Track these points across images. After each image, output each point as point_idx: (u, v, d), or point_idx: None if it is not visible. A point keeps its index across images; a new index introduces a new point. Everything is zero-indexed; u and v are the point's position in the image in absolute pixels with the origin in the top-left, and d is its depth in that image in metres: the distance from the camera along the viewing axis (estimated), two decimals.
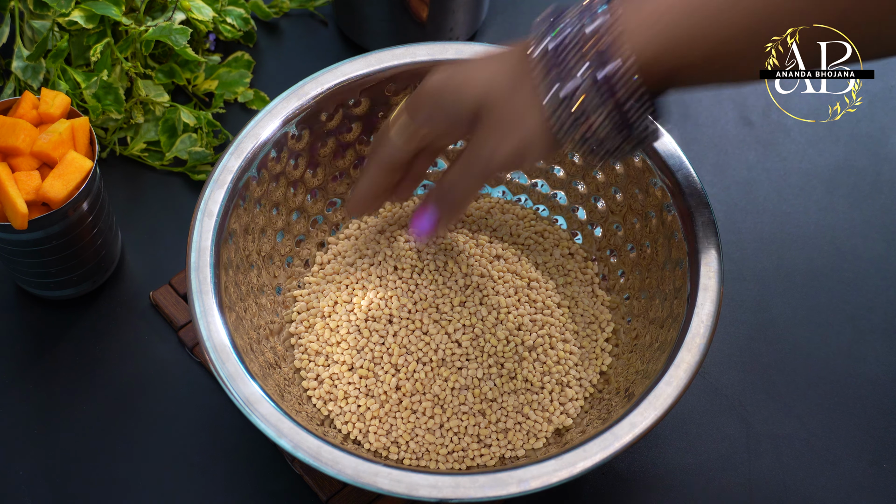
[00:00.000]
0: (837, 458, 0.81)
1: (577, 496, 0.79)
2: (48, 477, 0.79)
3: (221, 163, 0.77)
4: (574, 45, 0.62)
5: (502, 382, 0.77)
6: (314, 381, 0.78)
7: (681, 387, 0.68)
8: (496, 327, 0.78)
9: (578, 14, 0.62)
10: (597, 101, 0.62)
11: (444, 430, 0.76)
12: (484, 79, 0.66)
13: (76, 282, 0.84)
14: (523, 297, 0.80)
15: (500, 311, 0.78)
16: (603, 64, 0.61)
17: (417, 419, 0.76)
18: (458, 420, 0.76)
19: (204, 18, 0.95)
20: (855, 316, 0.87)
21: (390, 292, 0.79)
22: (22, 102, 0.79)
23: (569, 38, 0.62)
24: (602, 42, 0.61)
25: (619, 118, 0.62)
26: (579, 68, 0.62)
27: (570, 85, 0.62)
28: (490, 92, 0.66)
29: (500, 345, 0.77)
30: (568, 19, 0.63)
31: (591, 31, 0.61)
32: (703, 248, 0.74)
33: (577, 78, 0.62)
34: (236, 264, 0.76)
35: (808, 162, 0.96)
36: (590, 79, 0.62)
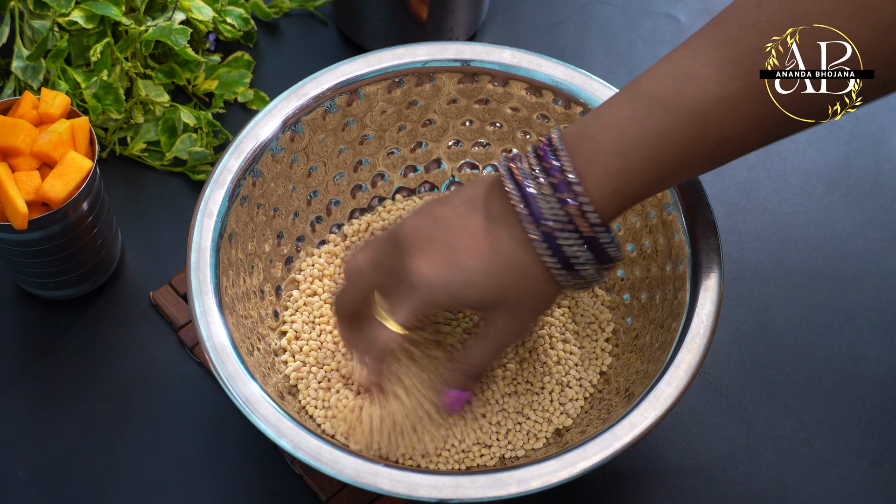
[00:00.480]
0: (837, 458, 0.81)
1: (577, 496, 0.79)
2: (48, 477, 0.79)
3: (221, 163, 0.77)
4: (567, 223, 0.64)
5: (504, 384, 0.77)
6: (308, 389, 0.78)
7: (681, 387, 0.68)
8: None
9: (550, 186, 0.64)
10: (590, 258, 0.66)
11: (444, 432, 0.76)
12: (491, 279, 0.66)
13: (76, 282, 0.84)
14: None
15: None
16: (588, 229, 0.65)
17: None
18: (459, 421, 0.76)
19: (204, 18, 0.95)
20: (855, 316, 0.87)
21: None
22: (22, 102, 0.79)
23: (557, 216, 0.64)
24: (583, 213, 0.64)
25: (601, 258, 0.66)
26: (574, 237, 0.65)
27: (571, 257, 0.65)
28: (504, 289, 0.67)
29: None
30: (544, 194, 0.65)
31: (572, 210, 0.64)
32: (703, 248, 0.74)
33: (576, 248, 0.65)
34: (236, 265, 0.76)
35: (809, 162, 0.96)
36: (584, 248, 0.65)
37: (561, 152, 0.64)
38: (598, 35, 1.04)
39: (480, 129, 0.87)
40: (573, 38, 1.04)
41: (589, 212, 0.64)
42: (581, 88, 0.81)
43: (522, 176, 0.65)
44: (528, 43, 1.03)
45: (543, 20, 1.05)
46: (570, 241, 0.64)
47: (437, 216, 0.68)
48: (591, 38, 1.04)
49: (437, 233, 0.67)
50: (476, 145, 0.87)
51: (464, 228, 0.67)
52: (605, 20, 1.05)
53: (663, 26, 1.04)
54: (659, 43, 1.03)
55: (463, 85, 0.84)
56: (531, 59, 0.82)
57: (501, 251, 0.66)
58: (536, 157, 0.65)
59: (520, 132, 0.86)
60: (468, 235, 0.66)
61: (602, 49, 1.03)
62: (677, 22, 1.05)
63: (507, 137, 0.86)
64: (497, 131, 0.86)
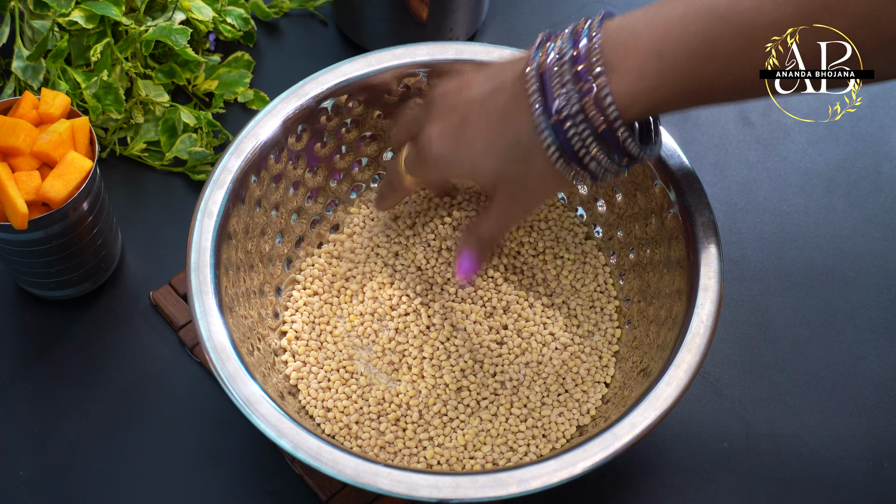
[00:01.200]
0: (838, 458, 0.81)
1: (577, 496, 0.79)
2: (48, 477, 0.79)
3: (221, 163, 0.77)
4: (577, 114, 0.64)
5: (507, 409, 0.77)
6: (308, 389, 0.78)
7: (681, 387, 0.68)
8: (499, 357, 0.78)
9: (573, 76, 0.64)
10: (600, 146, 0.65)
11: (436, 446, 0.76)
12: (493, 160, 0.68)
13: (76, 282, 0.84)
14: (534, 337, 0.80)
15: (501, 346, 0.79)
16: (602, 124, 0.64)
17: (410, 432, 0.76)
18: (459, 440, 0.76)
19: (204, 18, 0.95)
20: (855, 315, 0.87)
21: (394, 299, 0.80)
22: (22, 102, 0.79)
23: (570, 106, 0.64)
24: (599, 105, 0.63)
25: (616, 151, 0.65)
26: (583, 129, 0.64)
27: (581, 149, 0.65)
28: (505, 172, 0.68)
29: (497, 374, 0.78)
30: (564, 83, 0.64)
31: (588, 101, 0.63)
32: (703, 248, 0.74)
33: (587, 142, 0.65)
34: (236, 265, 0.76)
35: (809, 161, 0.96)
36: (596, 144, 0.65)
37: (595, 39, 0.63)
38: None
39: None
40: None
41: (609, 105, 0.63)
42: None
43: (548, 61, 0.65)
44: (528, 43, 1.02)
45: (543, 20, 1.05)
46: (580, 135, 0.64)
47: (465, 84, 0.70)
48: None
49: (458, 104, 0.70)
50: None
51: (481, 105, 0.68)
52: None
53: None
54: None
55: None
56: None
57: (509, 135, 0.67)
58: (571, 40, 0.65)
59: None
60: (483, 113, 0.68)
61: None
62: None
63: None
64: None
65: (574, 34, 0.65)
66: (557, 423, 0.76)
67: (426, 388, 0.77)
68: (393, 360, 0.79)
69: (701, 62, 0.62)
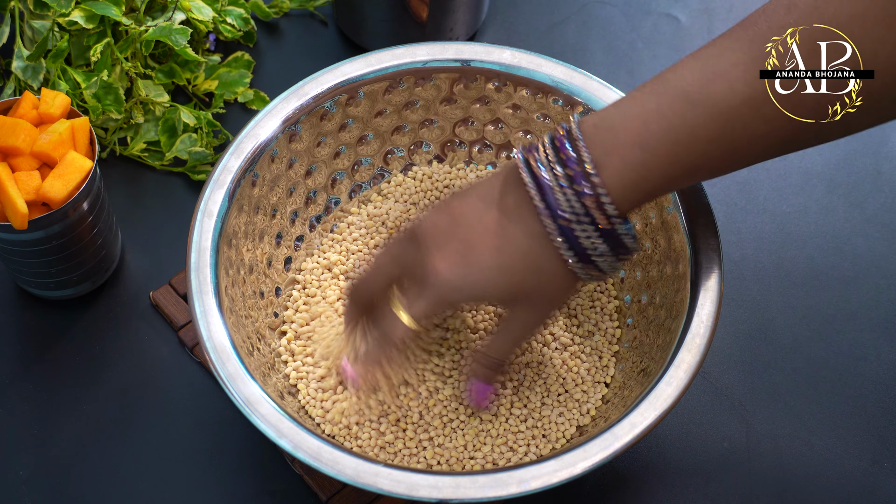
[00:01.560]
0: (838, 458, 0.81)
1: (577, 496, 0.79)
2: (48, 477, 0.79)
3: (221, 163, 0.77)
4: (582, 214, 0.65)
5: (507, 409, 0.77)
6: (308, 389, 0.78)
7: (681, 387, 0.68)
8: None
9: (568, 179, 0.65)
10: (606, 250, 0.66)
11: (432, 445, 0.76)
12: (508, 275, 0.67)
13: (76, 282, 0.84)
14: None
15: None
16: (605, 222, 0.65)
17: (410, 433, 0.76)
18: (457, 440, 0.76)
19: (204, 18, 0.95)
20: (855, 315, 0.87)
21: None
22: (22, 102, 0.79)
23: (574, 208, 0.64)
24: (599, 204, 0.64)
25: (618, 249, 0.66)
26: (590, 228, 0.65)
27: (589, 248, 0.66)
28: (522, 284, 0.67)
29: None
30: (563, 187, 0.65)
31: (589, 201, 0.64)
32: (703, 248, 0.74)
33: (593, 241, 0.65)
34: (236, 265, 0.76)
35: (809, 161, 0.96)
36: (601, 241, 0.65)
37: (579, 142, 0.64)
38: (598, 35, 1.04)
39: (480, 129, 0.87)
40: (573, 38, 1.04)
41: (606, 203, 0.64)
42: (581, 88, 0.81)
43: (539, 167, 0.65)
44: (528, 43, 1.03)
45: (543, 20, 1.05)
46: (586, 234, 0.65)
47: (454, 212, 0.68)
48: (591, 38, 1.04)
49: (454, 230, 0.67)
50: (476, 145, 0.87)
51: (480, 224, 0.67)
52: (605, 20, 1.05)
53: (663, 26, 1.04)
54: (659, 43, 1.03)
55: (463, 85, 0.84)
56: (531, 59, 0.82)
57: (517, 246, 0.66)
58: (553, 147, 0.65)
59: (520, 132, 0.86)
60: (484, 231, 0.67)
61: (602, 49, 1.03)
62: (677, 22, 1.05)
63: (507, 137, 0.87)
64: (497, 131, 0.86)
65: (555, 140, 0.65)
66: (557, 424, 0.76)
67: (426, 390, 0.77)
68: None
69: (683, 149, 0.63)
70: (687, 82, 0.63)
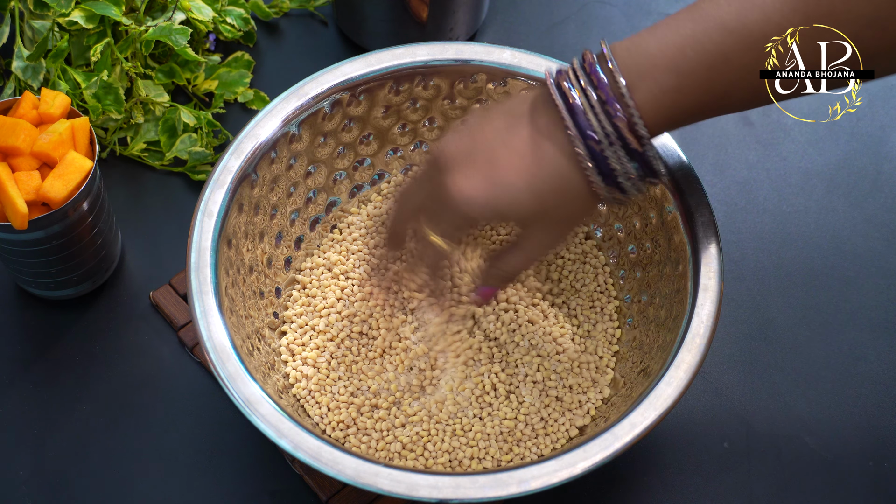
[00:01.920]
0: (838, 458, 0.81)
1: (577, 496, 0.79)
2: (48, 477, 0.79)
3: (221, 163, 0.77)
4: (611, 135, 0.64)
5: (507, 409, 0.77)
6: (308, 389, 0.78)
7: (681, 387, 0.68)
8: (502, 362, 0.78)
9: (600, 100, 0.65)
10: (633, 173, 0.66)
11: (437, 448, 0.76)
12: (534, 194, 0.67)
13: (76, 282, 0.84)
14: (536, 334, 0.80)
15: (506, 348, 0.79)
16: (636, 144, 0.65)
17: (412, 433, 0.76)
18: (455, 442, 0.76)
19: (204, 18, 0.95)
20: (855, 315, 0.87)
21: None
22: (22, 102, 0.79)
23: (604, 129, 0.64)
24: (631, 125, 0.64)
25: (645, 168, 0.66)
26: (619, 149, 0.65)
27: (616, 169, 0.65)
28: (546, 203, 0.67)
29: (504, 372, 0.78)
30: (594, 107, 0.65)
31: (620, 123, 0.64)
32: (703, 248, 0.74)
33: (623, 163, 0.65)
34: (236, 265, 0.76)
35: (809, 161, 0.96)
36: (630, 163, 0.65)
37: (613, 65, 0.64)
38: (598, 35, 1.04)
39: None
40: (573, 38, 1.04)
41: (640, 126, 0.64)
42: None
43: (570, 89, 0.65)
44: (528, 43, 1.03)
45: (543, 20, 1.05)
46: (617, 157, 0.65)
47: (476, 133, 0.68)
48: (591, 38, 1.04)
49: (477, 150, 0.67)
50: None
51: (505, 144, 0.67)
52: (605, 20, 1.05)
53: None
54: None
55: (463, 84, 0.84)
56: (531, 59, 0.82)
57: (545, 166, 0.66)
58: (584, 71, 0.65)
59: None
60: (511, 151, 0.66)
61: None
62: None
63: None
64: None
65: (586, 62, 0.65)
66: (558, 423, 0.76)
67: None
68: (393, 360, 0.79)
69: (716, 75, 0.63)
70: (724, 10, 0.63)
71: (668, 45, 0.63)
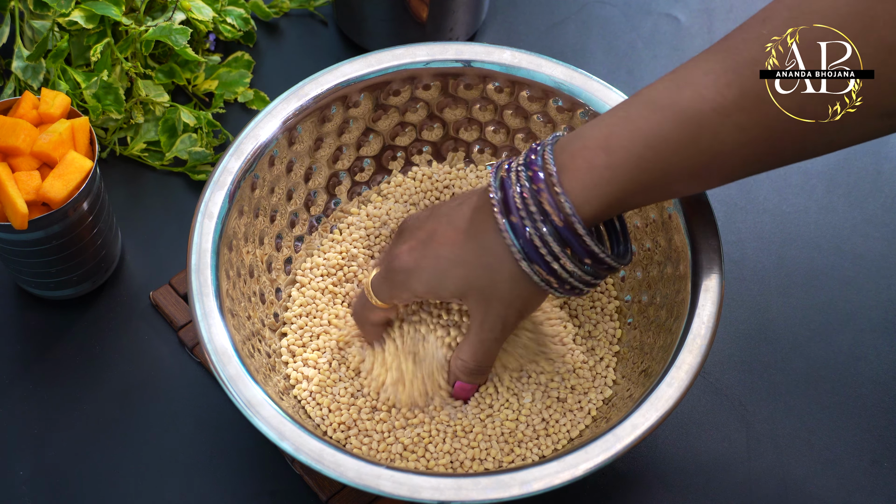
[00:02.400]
0: (838, 458, 0.81)
1: (578, 496, 0.79)
2: (48, 477, 0.79)
3: (221, 164, 0.77)
4: (535, 212, 0.65)
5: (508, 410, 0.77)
6: (309, 390, 0.78)
7: (682, 388, 0.68)
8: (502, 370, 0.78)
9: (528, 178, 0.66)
10: (561, 246, 0.66)
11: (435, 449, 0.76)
12: (460, 268, 0.68)
13: (76, 282, 0.84)
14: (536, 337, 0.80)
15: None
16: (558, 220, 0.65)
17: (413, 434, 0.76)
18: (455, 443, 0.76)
19: (204, 18, 0.95)
20: (855, 315, 0.87)
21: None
22: (22, 102, 0.79)
23: (527, 205, 0.65)
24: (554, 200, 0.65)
25: (582, 254, 0.66)
26: (542, 227, 0.65)
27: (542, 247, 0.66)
28: (472, 279, 0.68)
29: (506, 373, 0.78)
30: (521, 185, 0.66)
31: (543, 198, 0.65)
32: (703, 248, 0.74)
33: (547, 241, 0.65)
34: (237, 266, 0.76)
35: (809, 161, 0.96)
36: (552, 234, 0.65)
37: (547, 149, 0.65)
38: (598, 35, 1.04)
39: (480, 129, 0.87)
40: (573, 38, 1.04)
41: (562, 199, 0.64)
42: (581, 89, 0.81)
43: (506, 171, 0.67)
44: (528, 43, 1.03)
45: (543, 20, 1.05)
46: (540, 230, 0.65)
47: (435, 209, 0.71)
48: (591, 38, 1.04)
49: (426, 223, 0.71)
50: (476, 145, 0.87)
51: (449, 219, 0.69)
52: (605, 20, 1.05)
53: (663, 26, 1.04)
54: (659, 43, 1.03)
55: (463, 85, 0.84)
56: (531, 59, 0.82)
57: (475, 240, 0.67)
58: (525, 156, 0.67)
59: (520, 133, 0.86)
60: (450, 226, 0.69)
61: (602, 49, 1.03)
62: (677, 22, 1.05)
63: (507, 138, 0.86)
64: (497, 131, 0.86)
65: (530, 150, 0.67)
66: (559, 424, 0.77)
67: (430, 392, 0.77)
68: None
69: (649, 152, 0.63)
70: (657, 91, 0.64)
71: (601, 127, 0.65)
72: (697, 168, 0.64)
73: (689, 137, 0.62)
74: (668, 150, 0.63)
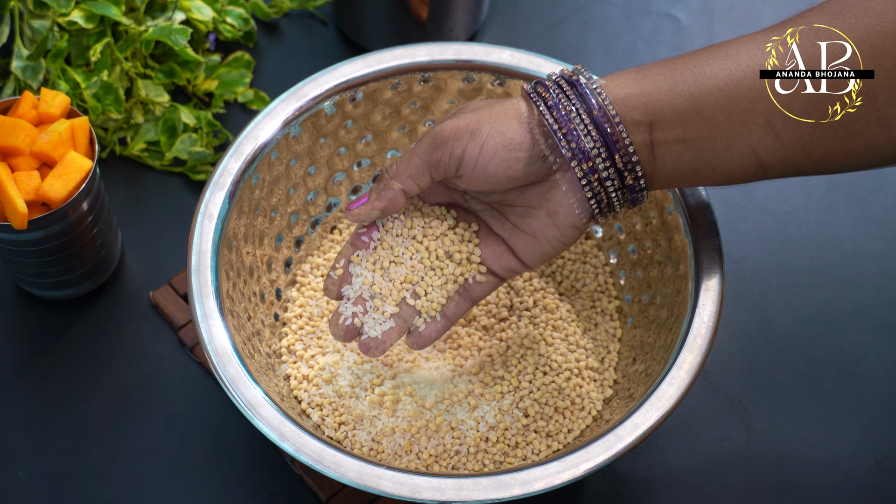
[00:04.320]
0: (838, 458, 0.81)
1: (578, 496, 0.79)
2: (48, 477, 0.79)
3: (221, 165, 0.77)
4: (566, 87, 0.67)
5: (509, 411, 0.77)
6: (309, 390, 0.78)
7: (682, 388, 0.68)
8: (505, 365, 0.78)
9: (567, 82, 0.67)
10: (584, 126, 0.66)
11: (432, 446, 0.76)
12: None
13: (76, 282, 0.84)
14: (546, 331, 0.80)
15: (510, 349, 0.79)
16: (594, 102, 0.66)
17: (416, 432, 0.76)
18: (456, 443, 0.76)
19: (204, 18, 0.95)
20: (856, 315, 0.87)
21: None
22: (22, 102, 0.79)
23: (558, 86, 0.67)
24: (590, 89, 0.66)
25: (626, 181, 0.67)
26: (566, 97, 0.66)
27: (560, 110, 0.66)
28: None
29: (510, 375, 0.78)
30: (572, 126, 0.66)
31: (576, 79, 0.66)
32: (703, 248, 0.74)
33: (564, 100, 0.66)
34: (237, 267, 0.76)
35: None
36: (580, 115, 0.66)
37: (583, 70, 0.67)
38: (598, 35, 1.04)
39: None
40: (573, 38, 1.04)
41: (591, 82, 0.65)
42: None
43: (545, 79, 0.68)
44: (528, 43, 1.03)
45: (543, 20, 1.05)
46: (567, 100, 0.66)
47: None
48: (591, 38, 1.04)
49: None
50: None
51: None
52: (605, 20, 1.05)
53: (663, 26, 1.04)
54: (659, 43, 1.03)
55: (463, 85, 0.84)
56: (531, 59, 0.82)
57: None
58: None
59: None
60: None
61: (602, 49, 1.03)
62: (677, 22, 1.05)
63: None
64: None
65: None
66: (559, 425, 0.77)
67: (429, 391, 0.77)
68: (393, 361, 0.79)
69: (682, 75, 0.65)
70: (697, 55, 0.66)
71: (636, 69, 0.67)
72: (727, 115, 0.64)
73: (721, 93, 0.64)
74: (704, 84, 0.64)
